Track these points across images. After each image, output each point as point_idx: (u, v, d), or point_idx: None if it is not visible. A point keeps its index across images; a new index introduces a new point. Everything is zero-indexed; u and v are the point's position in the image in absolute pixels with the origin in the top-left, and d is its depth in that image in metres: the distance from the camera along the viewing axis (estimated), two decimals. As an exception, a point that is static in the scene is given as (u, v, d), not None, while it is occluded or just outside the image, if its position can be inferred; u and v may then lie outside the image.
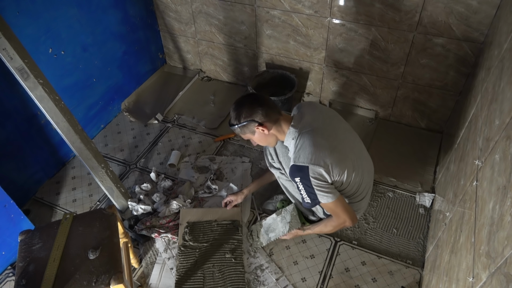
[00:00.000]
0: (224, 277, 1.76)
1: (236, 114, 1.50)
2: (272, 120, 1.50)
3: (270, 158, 1.79)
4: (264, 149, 1.80)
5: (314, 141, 1.45)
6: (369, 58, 2.31)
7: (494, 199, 1.05)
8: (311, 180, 1.42)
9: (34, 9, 1.92)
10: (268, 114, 1.49)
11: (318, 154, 1.43)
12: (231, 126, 1.54)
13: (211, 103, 2.78)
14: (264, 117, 1.48)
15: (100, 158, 1.91)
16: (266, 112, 1.48)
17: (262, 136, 1.53)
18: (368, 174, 1.71)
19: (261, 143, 1.59)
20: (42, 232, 1.40)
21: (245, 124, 1.49)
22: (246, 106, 1.49)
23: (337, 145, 1.49)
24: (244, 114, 1.48)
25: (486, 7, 1.86)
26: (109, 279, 1.26)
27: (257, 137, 1.55)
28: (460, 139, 1.79)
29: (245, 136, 1.56)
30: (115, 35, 2.50)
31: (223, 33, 2.66)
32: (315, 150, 1.43)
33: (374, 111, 2.56)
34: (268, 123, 1.50)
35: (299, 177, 1.44)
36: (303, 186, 1.45)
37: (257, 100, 1.50)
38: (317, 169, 1.41)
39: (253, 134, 1.54)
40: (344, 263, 1.84)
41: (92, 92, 2.44)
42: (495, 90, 1.37)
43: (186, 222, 1.95)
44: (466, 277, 1.10)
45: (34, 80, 1.62)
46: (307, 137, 1.46)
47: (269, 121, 1.50)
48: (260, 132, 1.51)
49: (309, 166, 1.41)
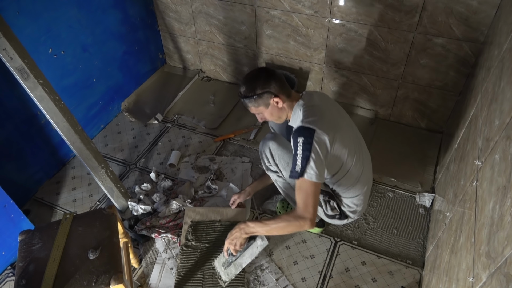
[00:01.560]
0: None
1: (251, 86, 1.49)
2: (285, 93, 1.51)
3: (267, 162, 1.77)
4: (260, 153, 1.79)
5: (323, 114, 1.47)
6: (369, 58, 2.31)
7: (494, 199, 1.05)
8: (313, 145, 1.39)
9: (34, 9, 1.92)
10: (282, 87, 1.50)
11: (327, 124, 1.43)
12: (245, 98, 1.51)
13: (211, 103, 2.78)
14: (279, 89, 1.49)
15: (100, 158, 1.91)
16: (280, 85, 1.50)
17: (274, 109, 1.53)
18: (368, 169, 1.71)
19: (271, 117, 1.57)
20: (42, 232, 1.40)
21: (261, 95, 1.48)
22: (262, 78, 1.49)
23: (342, 127, 1.51)
24: (260, 85, 1.47)
25: (486, 7, 1.86)
26: (109, 279, 1.26)
27: (269, 111, 1.54)
28: (460, 139, 1.79)
29: (257, 109, 1.54)
30: (115, 35, 2.50)
31: (223, 33, 2.67)
32: (324, 120, 1.44)
33: (374, 111, 2.56)
34: (282, 96, 1.50)
35: (302, 137, 1.40)
36: (302, 148, 1.40)
37: (272, 73, 1.51)
38: (323, 136, 1.41)
39: (266, 107, 1.52)
40: (344, 263, 1.84)
41: (92, 92, 2.44)
42: (495, 90, 1.37)
43: (190, 221, 1.95)
44: (466, 277, 1.10)
45: (34, 80, 1.62)
46: (317, 109, 1.48)
47: (283, 94, 1.50)
48: (274, 105, 1.51)
49: (316, 130, 1.40)
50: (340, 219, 1.75)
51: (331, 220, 1.78)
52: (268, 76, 1.49)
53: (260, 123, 2.57)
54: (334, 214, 1.72)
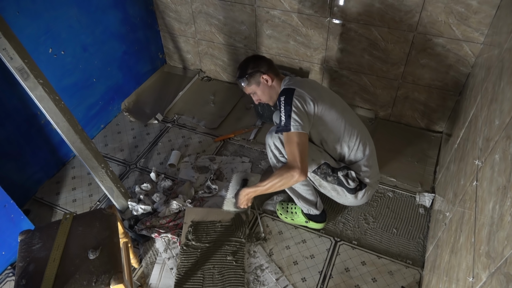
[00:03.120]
0: (223, 279, 1.76)
1: (244, 68, 1.75)
2: (274, 72, 1.75)
3: (278, 153, 1.77)
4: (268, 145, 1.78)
5: (303, 82, 1.69)
6: (369, 58, 2.31)
7: (494, 199, 1.05)
8: (293, 100, 1.57)
9: (34, 9, 1.92)
10: (270, 68, 1.75)
11: (308, 88, 1.64)
12: (239, 79, 1.75)
13: (211, 103, 2.78)
14: (268, 68, 1.74)
15: (100, 158, 1.91)
16: (269, 65, 1.75)
17: (265, 87, 1.75)
18: (364, 131, 1.79)
19: (263, 95, 1.78)
20: (42, 232, 1.40)
21: (251, 74, 1.72)
22: (252, 60, 1.76)
23: (323, 92, 1.71)
24: (251, 66, 1.73)
25: (486, 7, 1.86)
26: (109, 279, 1.26)
27: (261, 89, 1.75)
28: (460, 139, 1.79)
29: (250, 88, 1.76)
30: (115, 35, 2.50)
31: (223, 33, 2.67)
32: (305, 84, 1.67)
33: (374, 111, 2.56)
34: (271, 74, 1.74)
35: (284, 96, 1.60)
36: (284, 104, 1.58)
37: (261, 57, 1.79)
38: (302, 93, 1.60)
39: (258, 86, 1.75)
40: (344, 263, 1.84)
41: (92, 92, 2.44)
42: (495, 90, 1.37)
43: (190, 221, 1.95)
44: (466, 277, 1.10)
45: (34, 80, 1.62)
46: (299, 80, 1.73)
47: (272, 72, 1.74)
48: (264, 83, 1.74)
49: (296, 89, 1.61)
50: (361, 189, 1.75)
51: (354, 198, 1.77)
52: (257, 59, 1.76)
53: (260, 124, 2.57)
54: (356, 185, 1.73)
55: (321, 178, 1.72)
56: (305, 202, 1.85)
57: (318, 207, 1.87)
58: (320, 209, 1.89)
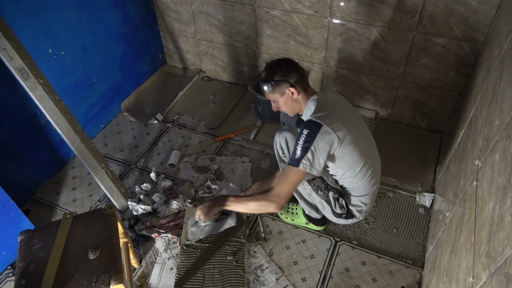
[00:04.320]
0: (223, 279, 1.76)
1: (271, 72, 1.55)
2: (302, 86, 1.56)
3: (281, 152, 1.78)
4: (275, 143, 1.79)
5: (335, 110, 1.51)
6: (369, 58, 2.31)
7: (494, 199, 1.05)
8: (316, 138, 1.44)
9: (34, 9, 1.92)
10: (300, 80, 1.55)
11: (337, 121, 1.46)
12: (264, 83, 1.56)
13: (211, 103, 2.78)
14: (297, 80, 1.54)
15: (100, 158, 1.91)
16: (299, 77, 1.55)
17: (289, 99, 1.57)
18: (378, 168, 1.72)
19: (285, 107, 1.61)
20: (42, 232, 1.40)
21: (278, 83, 1.53)
22: (283, 67, 1.54)
23: (353, 125, 1.54)
24: (280, 73, 1.53)
25: (486, 7, 1.86)
26: (109, 279, 1.26)
27: (284, 100, 1.58)
28: (460, 139, 1.79)
29: (273, 96, 1.58)
30: (115, 35, 2.50)
31: (223, 33, 2.67)
32: (335, 117, 1.47)
33: (374, 111, 2.56)
34: (298, 88, 1.55)
35: (308, 130, 1.45)
36: (305, 139, 1.45)
37: (294, 65, 1.57)
38: (328, 132, 1.44)
39: (281, 96, 1.57)
40: (344, 263, 1.84)
41: (92, 92, 2.44)
42: (495, 90, 1.37)
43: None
44: (466, 277, 1.10)
45: (34, 80, 1.62)
46: (330, 105, 1.52)
47: (300, 86, 1.55)
48: (289, 95, 1.55)
49: (323, 126, 1.44)
50: (346, 218, 1.75)
51: (337, 219, 1.78)
52: (289, 66, 1.55)
53: (260, 124, 2.57)
54: (342, 212, 1.72)
55: (312, 189, 1.71)
56: (308, 205, 1.85)
57: (319, 212, 1.87)
58: (321, 214, 1.89)
